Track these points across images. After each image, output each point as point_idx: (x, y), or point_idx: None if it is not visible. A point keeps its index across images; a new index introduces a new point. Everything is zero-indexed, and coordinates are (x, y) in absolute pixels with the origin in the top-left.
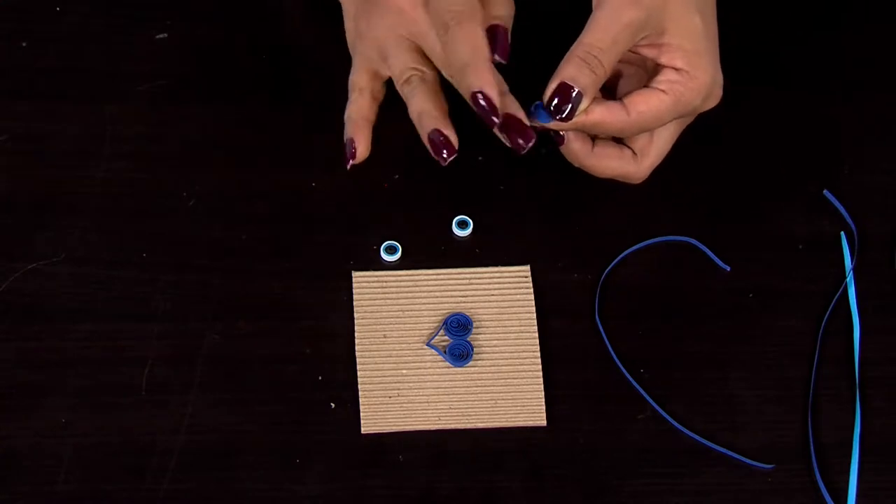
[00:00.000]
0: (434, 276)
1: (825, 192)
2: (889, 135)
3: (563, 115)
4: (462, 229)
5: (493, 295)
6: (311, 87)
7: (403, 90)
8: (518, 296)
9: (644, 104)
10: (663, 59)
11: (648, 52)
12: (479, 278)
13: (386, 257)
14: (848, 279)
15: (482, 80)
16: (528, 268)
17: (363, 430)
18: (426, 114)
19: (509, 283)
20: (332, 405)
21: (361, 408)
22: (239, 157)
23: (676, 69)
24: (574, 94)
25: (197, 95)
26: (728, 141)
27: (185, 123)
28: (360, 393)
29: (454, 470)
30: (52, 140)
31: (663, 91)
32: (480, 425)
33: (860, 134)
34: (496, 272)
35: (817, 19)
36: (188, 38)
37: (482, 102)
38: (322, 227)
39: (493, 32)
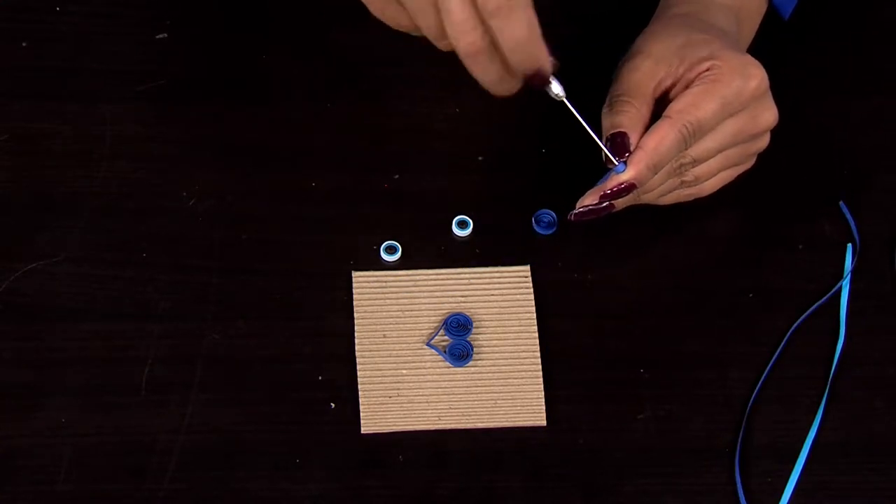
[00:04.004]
0: (434, 276)
1: (841, 203)
2: (889, 135)
3: (625, 152)
4: (462, 229)
5: (493, 295)
6: (312, 86)
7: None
8: (518, 296)
9: (681, 103)
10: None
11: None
12: (479, 278)
13: (386, 257)
14: (844, 282)
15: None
16: (528, 268)
17: (363, 430)
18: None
19: (509, 283)
20: (332, 405)
21: (361, 408)
22: (239, 157)
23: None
24: (620, 135)
25: (197, 95)
26: None
27: (185, 123)
28: (360, 393)
29: (454, 470)
30: (52, 140)
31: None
32: (480, 425)
33: (860, 134)
34: (496, 272)
35: (816, 19)
36: (188, 38)
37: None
38: (322, 227)
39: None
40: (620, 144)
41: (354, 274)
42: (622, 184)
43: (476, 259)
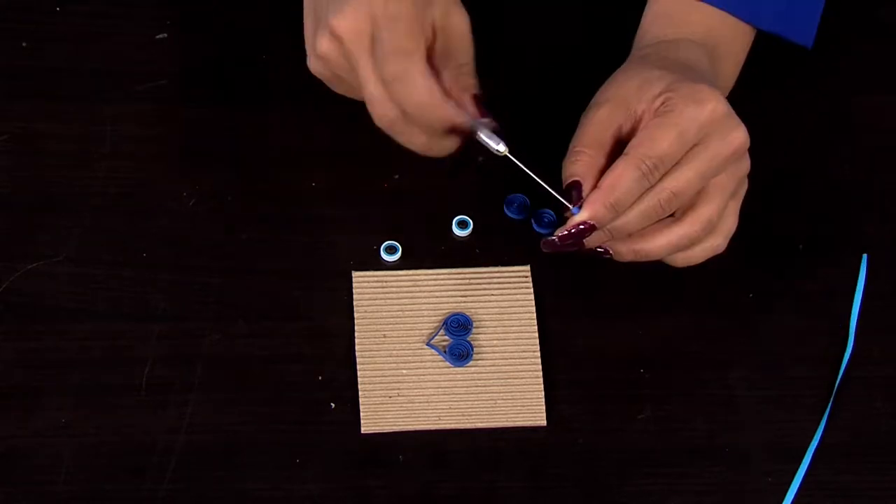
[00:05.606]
0: (434, 276)
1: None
2: (890, 135)
3: (579, 198)
4: (462, 229)
5: (493, 295)
6: (312, 86)
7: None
8: (518, 296)
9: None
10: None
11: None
12: (479, 278)
13: (386, 257)
14: (857, 294)
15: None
16: (528, 268)
17: (363, 429)
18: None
19: (509, 283)
20: (332, 405)
21: (361, 408)
22: (239, 158)
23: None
24: (574, 184)
25: (197, 95)
26: None
27: (185, 123)
28: (360, 393)
29: (454, 470)
30: (52, 140)
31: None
32: (480, 425)
33: (861, 134)
34: (496, 272)
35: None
36: (188, 38)
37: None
38: (322, 227)
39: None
40: (575, 193)
41: (354, 274)
42: (579, 224)
43: (476, 259)
